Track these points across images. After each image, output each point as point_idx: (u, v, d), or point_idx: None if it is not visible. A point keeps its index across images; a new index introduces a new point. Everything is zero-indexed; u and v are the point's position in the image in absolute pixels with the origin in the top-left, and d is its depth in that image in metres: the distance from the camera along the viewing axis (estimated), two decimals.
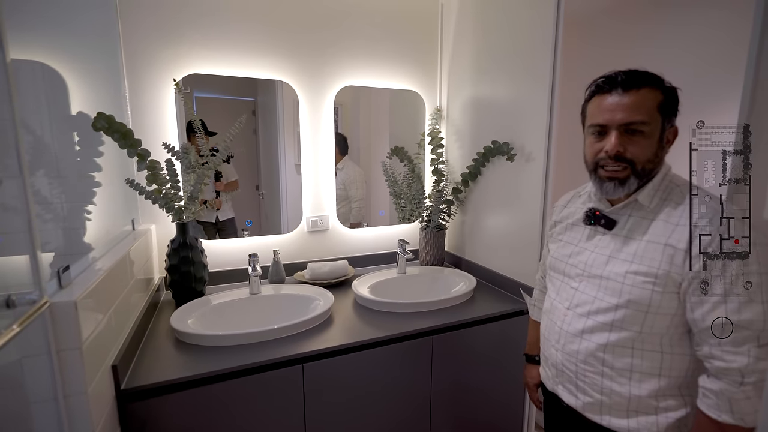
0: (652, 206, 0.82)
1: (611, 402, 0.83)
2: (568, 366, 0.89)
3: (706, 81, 1.58)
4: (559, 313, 0.92)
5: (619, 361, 0.82)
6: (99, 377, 0.85)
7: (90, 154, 1.20)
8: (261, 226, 1.72)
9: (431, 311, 1.40)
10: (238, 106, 1.62)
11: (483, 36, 1.65)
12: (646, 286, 0.78)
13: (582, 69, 1.18)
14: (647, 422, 0.81)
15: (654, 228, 0.80)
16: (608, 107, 0.79)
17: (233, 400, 1.07)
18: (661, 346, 0.79)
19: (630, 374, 0.81)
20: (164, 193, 1.33)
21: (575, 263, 0.91)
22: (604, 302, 0.83)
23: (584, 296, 0.87)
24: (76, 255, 1.08)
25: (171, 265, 1.39)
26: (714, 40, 1.55)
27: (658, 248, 0.78)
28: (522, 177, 1.48)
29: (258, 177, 1.70)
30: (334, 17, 1.69)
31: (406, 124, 1.94)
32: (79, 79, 1.20)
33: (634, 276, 0.79)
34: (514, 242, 1.54)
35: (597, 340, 0.84)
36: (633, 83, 0.78)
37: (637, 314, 0.79)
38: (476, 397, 1.46)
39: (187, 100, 1.49)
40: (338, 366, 1.18)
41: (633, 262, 0.80)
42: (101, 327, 0.89)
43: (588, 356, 0.85)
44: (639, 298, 0.78)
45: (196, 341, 1.15)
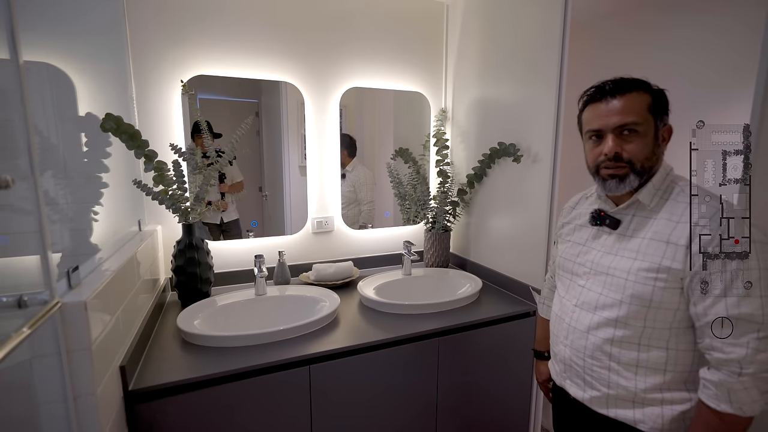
0: (653, 205, 0.85)
1: (617, 395, 0.86)
2: (576, 361, 0.92)
3: (711, 85, 1.58)
4: (568, 311, 0.95)
5: (626, 356, 0.84)
6: (107, 378, 0.85)
7: (97, 155, 1.21)
8: (264, 227, 1.72)
9: (437, 313, 1.40)
10: (241, 108, 1.62)
11: (489, 37, 1.65)
12: (648, 281, 0.80)
13: (590, 71, 1.18)
14: (652, 413, 0.83)
15: (656, 226, 0.83)
16: (602, 113, 0.84)
17: (240, 401, 1.06)
18: (667, 342, 0.81)
19: (636, 369, 0.84)
20: (171, 194, 1.33)
21: (583, 262, 0.94)
22: (609, 298, 0.86)
23: (591, 293, 0.90)
24: (83, 256, 1.08)
25: (177, 266, 1.39)
26: (718, 46, 1.56)
27: (660, 245, 0.81)
28: (528, 179, 1.47)
29: (261, 178, 1.70)
30: (340, 18, 1.69)
31: (410, 126, 1.94)
32: (87, 80, 1.21)
33: (637, 272, 0.82)
34: (520, 244, 1.54)
35: (603, 335, 0.86)
36: (621, 89, 0.82)
37: (640, 309, 0.81)
38: (482, 399, 1.45)
39: (192, 101, 1.50)
40: (345, 367, 1.18)
41: (636, 259, 0.83)
42: (109, 327, 0.89)
43: (595, 351, 0.88)
44: (641, 293, 0.81)
45: (203, 342, 1.15)
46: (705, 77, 1.59)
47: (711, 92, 1.57)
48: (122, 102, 1.39)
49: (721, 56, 1.54)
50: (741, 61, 1.45)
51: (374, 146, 1.89)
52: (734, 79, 1.48)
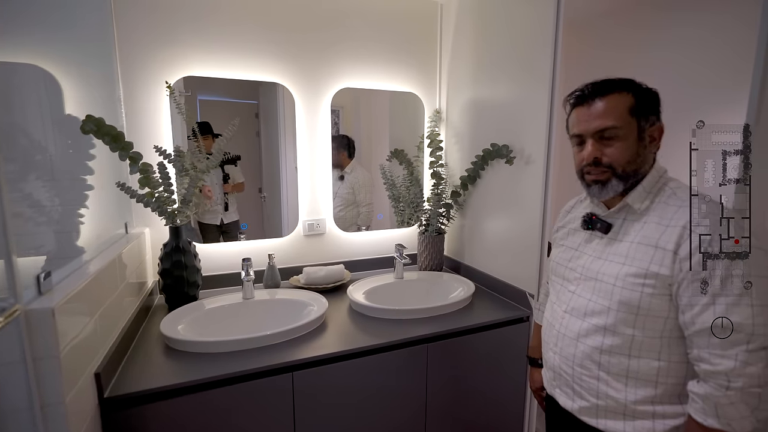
0: (643, 208, 0.82)
1: (607, 406, 0.83)
2: (565, 369, 0.89)
3: (707, 84, 1.55)
4: (557, 317, 0.93)
5: (615, 366, 0.81)
6: (80, 386, 0.83)
7: (82, 157, 1.19)
8: (264, 228, 1.71)
9: (427, 318, 1.37)
10: (241, 109, 1.62)
11: (482, 37, 1.62)
12: (635, 287, 0.78)
13: (586, 70, 1.15)
14: (643, 427, 0.80)
15: (645, 230, 0.80)
16: (582, 118, 0.83)
17: (221, 408, 1.04)
18: (659, 352, 0.78)
19: (626, 380, 0.80)
20: (157, 197, 1.32)
21: (574, 267, 0.92)
22: (598, 304, 0.83)
23: (580, 299, 0.87)
24: (67, 259, 1.07)
25: (164, 269, 1.37)
26: (716, 45, 1.52)
27: (648, 249, 0.78)
28: (522, 180, 1.44)
29: (260, 180, 1.69)
30: (332, 18, 1.67)
31: (405, 127, 1.92)
32: (74, 82, 1.19)
33: (624, 277, 0.79)
34: (513, 247, 1.50)
35: (592, 343, 0.83)
36: (600, 92, 0.81)
37: (628, 316, 0.79)
38: (473, 408, 1.42)
39: (189, 103, 1.48)
40: (329, 374, 1.16)
41: (624, 264, 0.81)
42: (85, 333, 0.87)
43: (584, 359, 0.85)
44: (629, 300, 0.78)
45: (185, 347, 1.13)
46: (703, 76, 1.56)
47: (710, 92, 1.53)
48: (110, 104, 1.37)
49: (719, 55, 1.50)
50: (739, 61, 1.41)
51: (371, 147, 1.87)
52: (732, 80, 1.44)
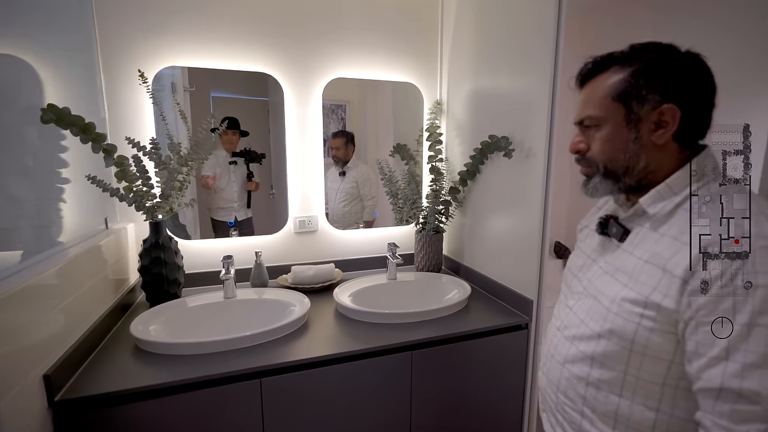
0: (660, 215, 0.65)
1: None
2: (550, 394, 0.77)
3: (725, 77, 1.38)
4: (550, 334, 0.81)
5: (602, 405, 0.66)
6: (21, 388, 0.78)
7: (55, 150, 1.16)
8: (272, 225, 1.67)
9: (418, 322, 1.27)
10: (253, 106, 1.61)
11: (484, 24, 1.50)
12: (631, 316, 0.63)
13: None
14: None
15: (659, 245, 0.63)
16: (577, 104, 0.74)
17: (182, 414, 0.98)
18: (658, 402, 0.62)
19: (614, 423, 0.65)
20: (135, 191, 1.27)
21: (581, 278, 0.77)
22: (588, 328, 0.69)
23: (574, 318, 0.74)
24: (43, 255, 1.03)
25: (143, 266, 1.32)
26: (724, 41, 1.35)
27: (655, 271, 0.62)
28: (523, 175, 1.32)
29: (269, 176, 1.65)
30: (325, 6, 1.59)
31: (408, 122, 1.83)
32: (53, 73, 1.16)
33: (620, 302, 0.64)
34: (514, 248, 1.38)
35: (577, 372, 0.70)
36: (589, 75, 0.71)
37: (621, 350, 0.64)
38: (462, 422, 1.31)
39: (200, 99, 1.48)
40: (301, 381, 1.07)
41: (626, 285, 0.65)
42: (32, 333, 0.82)
43: (568, 389, 0.72)
44: (621, 330, 0.63)
45: (154, 349, 1.08)
46: None
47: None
48: (91, 95, 1.34)
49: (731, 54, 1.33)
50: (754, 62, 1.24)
51: (378, 143, 1.82)
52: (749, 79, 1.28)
